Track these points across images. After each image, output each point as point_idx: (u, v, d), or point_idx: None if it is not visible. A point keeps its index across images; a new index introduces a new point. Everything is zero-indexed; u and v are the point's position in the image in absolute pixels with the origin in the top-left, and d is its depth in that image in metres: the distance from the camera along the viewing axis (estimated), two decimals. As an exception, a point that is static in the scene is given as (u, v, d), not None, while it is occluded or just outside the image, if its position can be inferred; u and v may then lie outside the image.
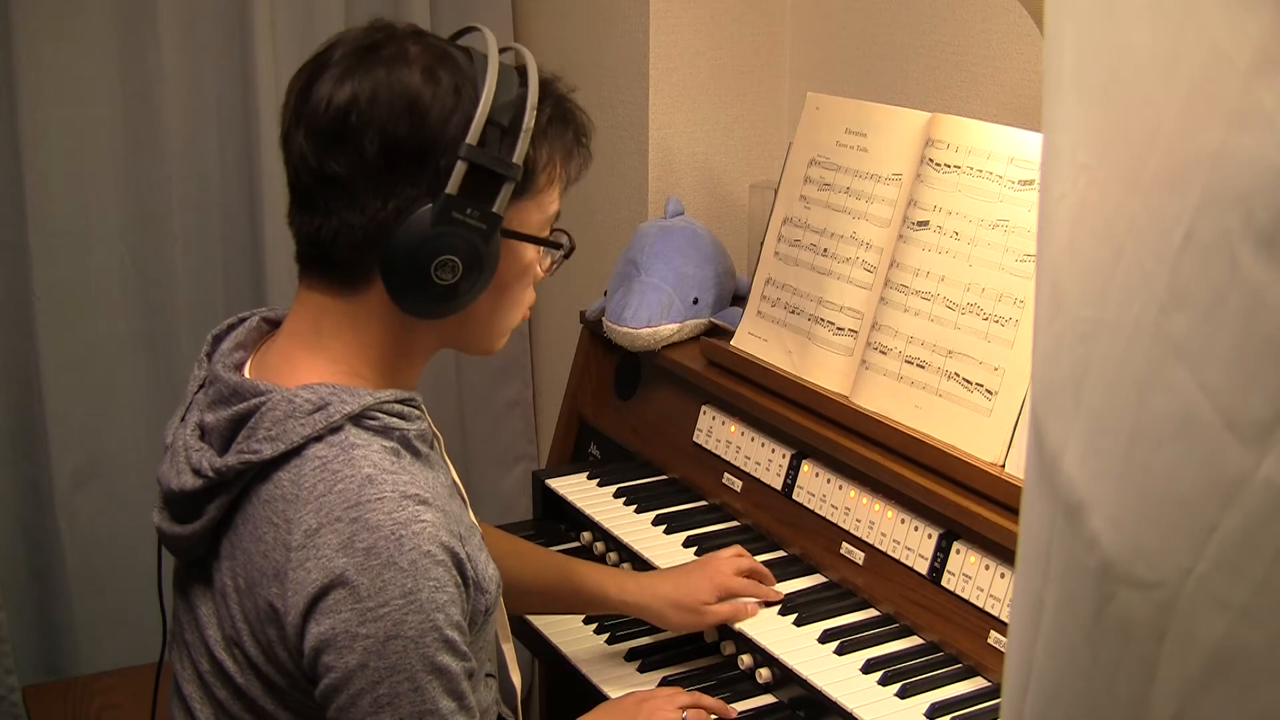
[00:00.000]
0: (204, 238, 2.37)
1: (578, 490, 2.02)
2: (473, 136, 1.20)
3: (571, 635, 1.76)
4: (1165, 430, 0.51)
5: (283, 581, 1.16)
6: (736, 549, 1.74)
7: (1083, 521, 0.55)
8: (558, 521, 2.04)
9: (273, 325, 1.35)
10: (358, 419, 1.21)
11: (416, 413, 1.28)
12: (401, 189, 1.20)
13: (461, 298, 1.25)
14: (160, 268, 2.36)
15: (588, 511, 1.95)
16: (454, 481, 1.33)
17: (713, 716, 1.55)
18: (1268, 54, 0.46)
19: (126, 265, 2.34)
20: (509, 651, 1.48)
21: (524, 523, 2.08)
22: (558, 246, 1.34)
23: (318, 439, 1.19)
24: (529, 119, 1.23)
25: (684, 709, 1.52)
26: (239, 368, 1.29)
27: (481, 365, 2.70)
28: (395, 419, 1.24)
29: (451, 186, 1.20)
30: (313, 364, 1.26)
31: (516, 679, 1.50)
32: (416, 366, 1.33)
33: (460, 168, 1.20)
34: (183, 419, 1.29)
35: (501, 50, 1.27)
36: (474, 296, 1.26)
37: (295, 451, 1.19)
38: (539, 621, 1.79)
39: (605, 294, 2.10)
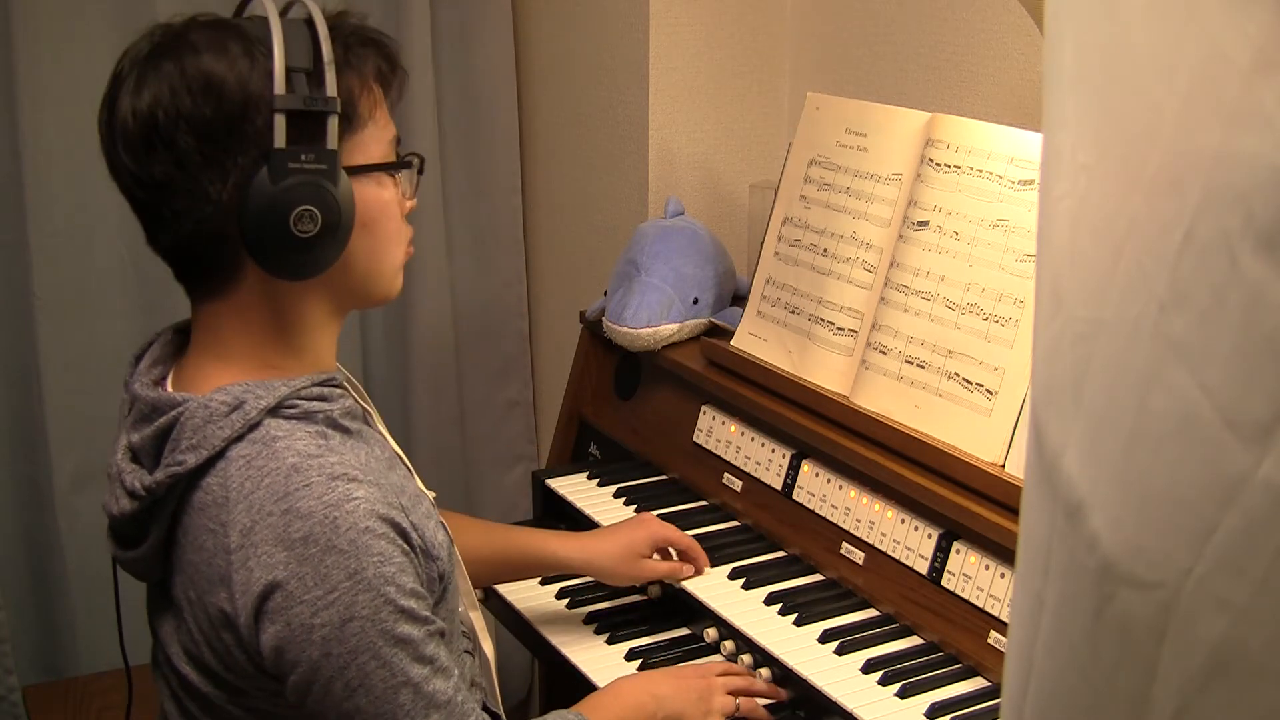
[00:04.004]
0: (204, 237, 2.37)
1: (578, 490, 2.02)
2: (279, 87, 1.19)
3: (571, 635, 1.76)
4: (1165, 430, 0.51)
5: (229, 585, 1.17)
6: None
7: (1083, 521, 0.55)
8: (558, 521, 2.04)
9: (187, 335, 1.34)
10: (276, 411, 1.21)
11: (338, 391, 1.28)
12: (233, 163, 1.19)
13: (331, 247, 1.23)
14: (160, 268, 2.33)
15: (588, 511, 1.96)
16: (395, 452, 1.33)
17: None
18: (1268, 54, 0.46)
19: (126, 265, 2.33)
20: (477, 620, 1.48)
21: (524, 522, 2.08)
22: (407, 165, 1.33)
23: (239, 439, 1.19)
24: (326, 52, 1.22)
25: (735, 693, 1.56)
26: (159, 383, 1.29)
27: (481, 365, 2.70)
28: (316, 402, 1.24)
29: (277, 140, 1.19)
30: (224, 370, 1.26)
31: (489, 648, 1.50)
32: (327, 341, 1.31)
33: (279, 120, 1.19)
34: (117, 445, 1.29)
35: (285, 9, 1.27)
36: (344, 242, 1.24)
37: (219, 455, 1.19)
38: (539, 622, 1.79)
39: (605, 294, 2.10)
